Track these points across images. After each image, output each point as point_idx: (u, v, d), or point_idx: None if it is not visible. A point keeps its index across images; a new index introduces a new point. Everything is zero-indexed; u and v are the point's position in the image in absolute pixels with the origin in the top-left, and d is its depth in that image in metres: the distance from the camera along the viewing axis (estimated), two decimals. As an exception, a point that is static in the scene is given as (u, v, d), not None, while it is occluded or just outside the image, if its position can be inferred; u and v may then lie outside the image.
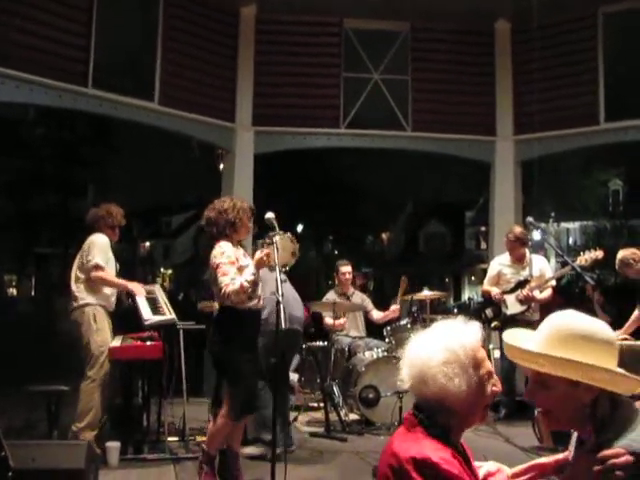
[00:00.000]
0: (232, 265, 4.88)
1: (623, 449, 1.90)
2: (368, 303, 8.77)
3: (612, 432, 1.97)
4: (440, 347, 2.16)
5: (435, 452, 2.05)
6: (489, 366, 2.21)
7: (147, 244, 54.63)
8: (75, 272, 6.26)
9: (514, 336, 2.21)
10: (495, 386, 2.22)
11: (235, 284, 4.75)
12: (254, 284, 4.81)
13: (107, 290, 6.26)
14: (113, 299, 6.35)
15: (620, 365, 2.09)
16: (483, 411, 2.23)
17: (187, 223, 51.94)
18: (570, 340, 2.05)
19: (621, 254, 6.71)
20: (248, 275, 4.79)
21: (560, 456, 2.38)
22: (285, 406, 6.28)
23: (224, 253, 4.91)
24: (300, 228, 36.29)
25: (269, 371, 5.97)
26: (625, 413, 2.03)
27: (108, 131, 26.14)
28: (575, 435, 2.26)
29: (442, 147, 10.46)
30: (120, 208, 6.56)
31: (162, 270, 55.18)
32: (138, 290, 6.31)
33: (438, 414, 2.15)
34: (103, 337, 6.03)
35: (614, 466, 1.88)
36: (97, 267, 6.07)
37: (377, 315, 8.67)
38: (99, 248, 6.17)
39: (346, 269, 8.54)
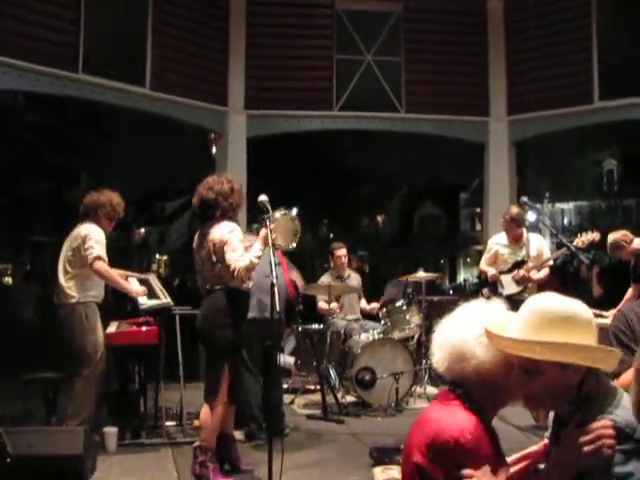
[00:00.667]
0: (241, 243, 4.91)
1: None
2: (360, 286, 8.79)
3: (596, 408, 2.02)
4: (472, 323, 2.24)
5: (468, 424, 2.12)
6: None
7: (142, 231, 54.60)
8: (64, 265, 6.03)
9: (496, 324, 2.20)
10: None
11: (244, 260, 4.79)
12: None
13: (98, 283, 6.07)
14: (103, 291, 6.19)
15: None
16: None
17: (181, 209, 51.76)
18: (555, 323, 2.05)
19: (612, 237, 6.70)
20: (256, 251, 4.85)
21: (547, 441, 2.40)
22: (271, 392, 6.12)
23: (233, 231, 4.93)
24: (294, 211, 36.35)
25: (251, 360, 6.00)
26: (607, 389, 2.09)
27: (99, 117, 26.02)
28: (552, 414, 2.31)
29: (436, 128, 10.44)
30: (121, 199, 6.38)
31: (157, 256, 55.13)
32: (140, 294, 6.12)
33: (476, 390, 2.21)
34: (97, 336, 5.88)
35: (600, 437, 1.93)
36: (99, 258, 5.87)
37: (362, 304, 8.76)
38: (97, 241, 5.95)
39: (341, 252, 8.53)
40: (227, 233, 4.90)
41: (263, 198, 4.90)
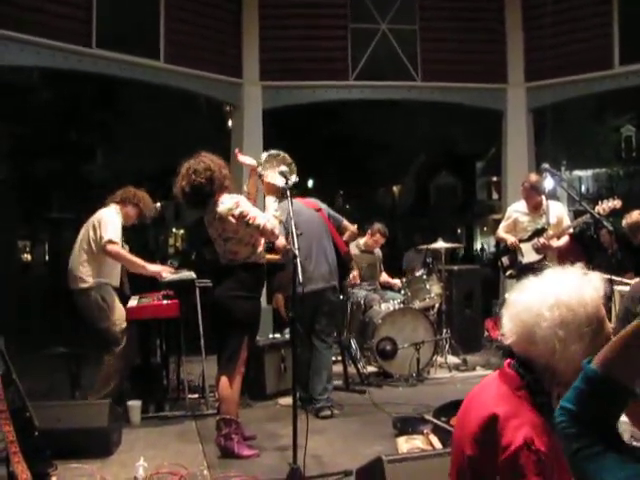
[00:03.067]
0: (253, 207, 4.92)
1: None
2: (380, 261, 8.82)
3: None
4: (556, 303, 1.83)
5: (536, 431, 1.80)
6: (609, 328, 1.88)
7: (158, 205, 54.71)
8: (78, 249, 6.06)
9: None
10: None
11: (271, 219, 4.82)
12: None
13: (112, 266, 6.08)
14: (118, 275, 6.21)
15: None
16: None
17: (197, 183, 51.77)
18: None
19: (632, 218, 6.61)
20: (272, 205, 4.89)
21: None
22: (320, 363, 6.25)
23: (238, 202, 4.90)
24: (310, 183, 36.19)
25: (307, 331, 6.10)
26: None
27: (114, 93, 25.94)
28: None
29: (452, 96, 10.34)
30: (152, 204, 6.55)
31: (174, 230, 55.30)
32: (161, 272, 6.13)
33: (544, 379, 1.88)
34: (119, 313, 5.97)
35: None
36: (110, 242, 5.88)
37: (383, 277, 8.81)
38: (111, 223, 5.97)
39: (381, 240, 8.63)
40: (235, 206, 4.87)
41: (276, 153, 4.97)
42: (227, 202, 4.91)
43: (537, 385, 1.87)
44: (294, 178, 4.95)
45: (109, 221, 5.99)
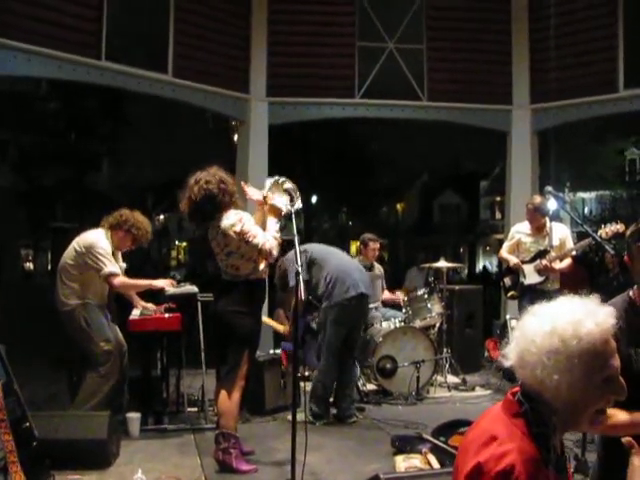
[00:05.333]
0: (256, 226, 4.95)
1: None
2: (382, 278, 8.82)
3: None
4: (550, 331, 1.78)
5: (522, 459, 1.72)
6: (615, 366, 1.81)
7: (161, 217, 54.76)
8: (61, 269, 5.91)
9: None
10: (617, 393, 1.83)
11: (270, 239, 4.84)
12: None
13: (98, 285, 5.89)
14: (105, 293, 6.02)
15: None
16: (594, 416, 1.84)
17: (201, 196, 51.81)
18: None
19: None
20: (274, 226, 4.92)
21: None
22: (348, 378, 6.54)
23: (242, 218, 4.94)
24: (314, 199, 36.26)
25: (338, 343, 6.34)
26: None
27: (121, 104, 26.09)
28: None
29: (458, 116, 10.37)
30: (150, 229, 6.27)
31: (177, 242, 55.38)
32: (165, 285, 6.10)
33: (540, 406, 1.81)
34: (103, 335, 5.79)
35: None
36: (112, 275, 5.75)
37: (384, 294, 8.81)
38: (104, 253, 5.77)
39: (375, 245, 8.55)
40: (238, 223, 4.90)
41: (284, 181, 4.99)
42: (231, 218, 4.95)
43: (534, 414, 1.81)
44: (298, 203, 5.00)
45: (102, 251, 5.78)
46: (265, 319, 6.52)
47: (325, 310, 6.37)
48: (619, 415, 2.53)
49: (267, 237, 4.90)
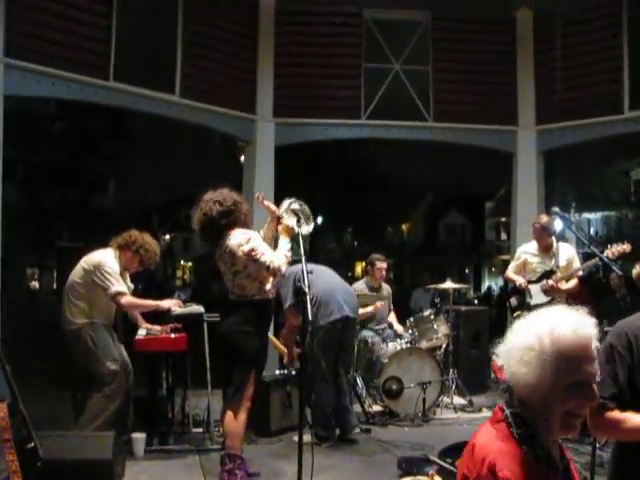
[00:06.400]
0: (264, 243, 4.96)
1: None
2: (390, 299, 8.77)
3: None
4: (530, 329, 1.91)
5: (503, 459, 1.83)
6: (588, 373, 1.89)
7: (167, 237, 54.85)
8: (68, 288, 5.92)
9: None
10: (588, 398, 1.89)
11: (279, 257, 4.84)
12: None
13: (105, 305, 5.91)
14: (112, 313, 6.06)
15: None
16: (563, 418, 1.89)
17: (207, 216, 51.91)
18: None
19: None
20: (285, 245, 4.92)
21: None
22: (340, 396, 6.50)
23: (250, 238, 4.94)
24: (319, 219, 36.27)
25: (328, 367, 6.32)
26: None
27: (127, 124, 26.20)
28: None
29: (463, 137, 10.38)
30: (157, 250, 6.27)
31: (182, 262, 55.41)
32: (172, 305, 6.09)
33: (522, 409, 1.93)
34: (110, 354, 5.79)
35: None
36: (119, 294, 5.75)
37: (391, 317, 8.75)
38: (112, 272, 5.78)
39: (382, 265, 8.50)
40: (245, 242, 4.91)
41: (298, 206, 5.01)
42: (239, 237, 4.96)
43: (514, 417, 1.92)
44: (310, 227, 5.05)
45: (109, 270, 5.80)
46: (270, 337, 6.50)
47: (311, 334, 6.28)
48: (634, 419, 2.52)
49: (276, 255, 4.90)
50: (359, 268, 44.11)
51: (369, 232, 42.31)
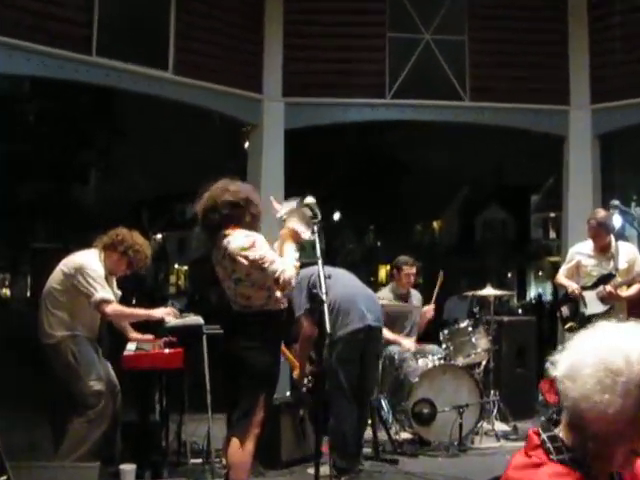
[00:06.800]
0: (271, 250, 4.92)
1: None
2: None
3: None
4: (615, 346, 1.82)
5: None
6: None
7: (159, 236, 55.02)
8: (46, 295, 5.92)
9: None
10: None
11: (289, 267, 4.80)
12: None
13: (89, 315, 5.92)
14: (96, 325, 6.08)
15: None
16: (627, 454, 1.85)
17: (205, 212, 52.11)
18: None
19: None
20: (292, 254, 4.88)
21: None
22: (360, 423, 6.49)
23: (255, 242, 4.88)
24: (337, 216, 36.28)
25: (350, 384, 6.26)
26: None
27: (114, 106, 26.31)
28: None
29: (505, 119, 10.37)
30: (148, 255, 6.25)
31: (176, 266, 55.62)
32: (165, 314, 6.07)
33: (573, 431, 1.88)
34: (94, 372, 5.78)
35: None
36: (104, 302, 5.73)
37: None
38: (95, 276, 5.77)
39: (411, 270, 8.44)
40: (250, 246, 4.86)
41: (310, 200, 4.93)
42: (241, 239, 4.89)
43: (554, 442, 1.89)
44: (316, 229, 5.01)
45: (93, 274, 5.79)
46: (284, 350, 6.50)
47: (329, 347, 6.23)
48: None
49: (286, 264, 4.85)
50: (383, 272, 44.12)
51: (395, 230, 42.31)
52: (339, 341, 6.23)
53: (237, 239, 4.89)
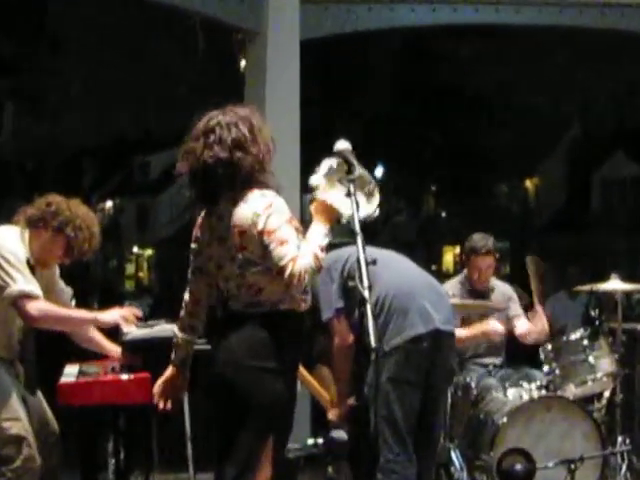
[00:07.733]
0: (292, 226, 4.83)
1: None
2: (514, 304, 8.63)
3: None
4: None
5: None
6: None
7: (108, 205, 55.18)
8: None
9: None
10: None
11: (307, 257, 4.69)
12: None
13: (6, 325, 5.92)
14: (11, 339, 6.05)
15: None
16: None
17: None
18: None
19: None
20: (321, 237, 4.77)
21: None
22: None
23: (272, 205, 4.83)
24: (379, 172, 36.23)
25: (408, 420, 6.16)
26: None
27: (46, 10, 26.49)
28: None
29: (633, 23, 10.29)
30: (96, 234, 6.19)
31: (135, 250, 55.75)
32: (120, 319, 6.01)
33: None
34: (8, 409, 5.76)
35: None
36: (25, 297, 5.69)
37: (522, 328, 8.57)
38: (11, 260, 5.74)
39: (485, 262, 8.41)
40: (265, 215, 4.81)
41: (343, 146, 4.87)
42: (253, 203, 4.82)
43: None
44: (373, 207, 4.96)
45: (10, 258, 5.76)
46: (302, 372, 6.44)
47: (376, 364, 6.06)
48: None
49: (304, 251, 4.77)
50: (449, 256, 44.20)
51: (466, 194, 42.26)
52: (392, 353, 6.17)
53: (248, 205, 4.80)
